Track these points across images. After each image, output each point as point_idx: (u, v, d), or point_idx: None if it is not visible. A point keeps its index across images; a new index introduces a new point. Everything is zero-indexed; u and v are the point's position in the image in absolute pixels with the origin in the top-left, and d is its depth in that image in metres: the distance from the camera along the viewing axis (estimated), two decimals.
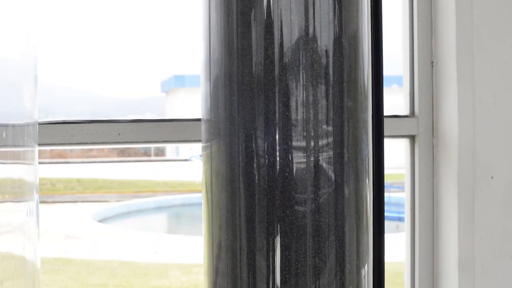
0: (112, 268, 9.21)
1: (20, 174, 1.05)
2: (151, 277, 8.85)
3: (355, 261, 0.93)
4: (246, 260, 0.89)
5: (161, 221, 15.31)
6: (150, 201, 15.87)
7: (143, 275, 8.91)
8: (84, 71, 43.30)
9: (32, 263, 1.03)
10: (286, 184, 0.89)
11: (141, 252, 10.10)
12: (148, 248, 10.35)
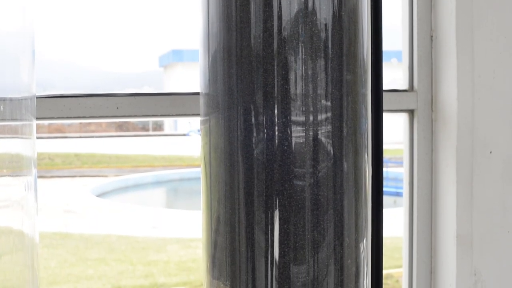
0: (110, 243, 9.23)
1: (18, 148, 1.04)
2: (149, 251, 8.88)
3: (354, 235, 0.93)
4: (244, 233, 0.89)
5: (159, 195, 15.34)
6: (148, 176, 15.88)
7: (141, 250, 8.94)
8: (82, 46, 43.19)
9: (31, 237, 1.03)
10: (285, 158, 0.89)
11: (139, 226, 10.13)
12: (146, 223, 10.38)
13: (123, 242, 9.20)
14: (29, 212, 1.04)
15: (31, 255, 1.03)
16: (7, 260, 1.00)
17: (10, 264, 1.00)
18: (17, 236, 1.01)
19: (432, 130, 1.78)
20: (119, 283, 7.87)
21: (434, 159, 1.78)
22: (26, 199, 1.04)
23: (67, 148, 18.99)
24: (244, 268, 0.89)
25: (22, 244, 1.02)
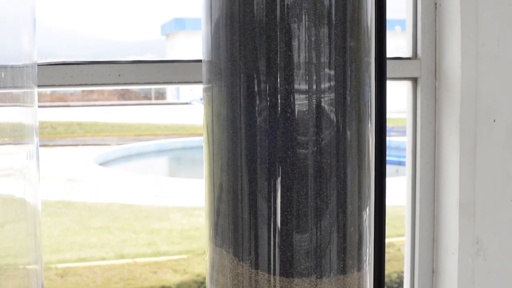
0: (113, 211, 9.27)
1: (19, 116, 1.04)
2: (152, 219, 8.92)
3: (357, 202, 0.93)
4: (247, 201, 0.89)
5: (162, 164, 15.37)
6: (150, 145, 15.90)
7: (144, 218, 8.97)
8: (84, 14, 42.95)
9: (33, 206, 1.03)
10: (287, 125, 0.89)
11: (142, 195, 10.16)
12: (149, 191, 10.41)
13: (126, 211, 9.24)
14: (31, 181, 1.04)
15: (33, 223, 1.03)
16: (10, 228, 1.00)
17: (12, 232, 1.00)
18: (20, 204, 1.01)
19: (436, 98, 1.77)
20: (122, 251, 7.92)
21: (437, 127, 1.77)
22: (28, 167, 1.03)
23: (69, 117, 19.00)
24: (247, 235, 0.90)
25: (24, 212, 1.02)
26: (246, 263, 0.90)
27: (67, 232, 8.53)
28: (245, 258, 0.90)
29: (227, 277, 0.91)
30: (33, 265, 1.03)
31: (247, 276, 0.90)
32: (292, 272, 0.89)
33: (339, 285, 0.91)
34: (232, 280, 0.91)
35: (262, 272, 0.89)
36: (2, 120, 1.01)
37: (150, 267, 7.27)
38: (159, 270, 7.21)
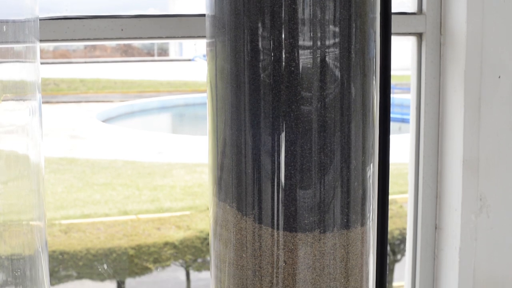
0: (116, 168, 9.29)
1: (21, 72, 1.03)
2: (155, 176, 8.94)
3: (361, 157, 0.92)
4: (251, 155, 0.89)
5: (165, 121, 15.36)
6: (153, 101, 15.87)
7: (147, 175, 9.00)
8: None
9: (36, 163, 1.03)
10: (292, 79, 0.88)
11: (145, 152, 10.18)
12: (152, 148, 10.42)
13: (129, 167, 9.26)
14: (34, 138, 1.04)
15: (36, 180, 1.03)
16: (13, 185, 1.00)
17: (16, 189, 1.00)
18: (23, 161, 1.01)
19: (440, 54, 1.76)
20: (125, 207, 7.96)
21: (442, 83, 1.76)
22: (31, 124, 1.03)
23: (72, 74, 18.93)
24: (250, 190, 0.89)
25: (27, 169, 1.02)
26: (250, 218, 0.90)
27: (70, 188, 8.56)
28: (249, 212, 0.89)
29: (230, 231, 0.91)
30: (36, 221, 1.04)
31: (251, 231, 0.90)
32: (295, 227, 0.89)
33: (342, 239, 0.91)
34: (236, 235, 0.91)
35: (266, 226, 0.89)
36: (5, 76, 1.00)
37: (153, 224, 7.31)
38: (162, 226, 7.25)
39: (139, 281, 7.23)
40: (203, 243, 6.89)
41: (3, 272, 0.98)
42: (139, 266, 6.96)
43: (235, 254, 0.91)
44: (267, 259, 0.89)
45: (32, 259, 1.02)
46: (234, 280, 0.92)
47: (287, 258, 0.89)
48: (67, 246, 6.89)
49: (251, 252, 0.90)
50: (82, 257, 6.87)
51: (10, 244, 1.00)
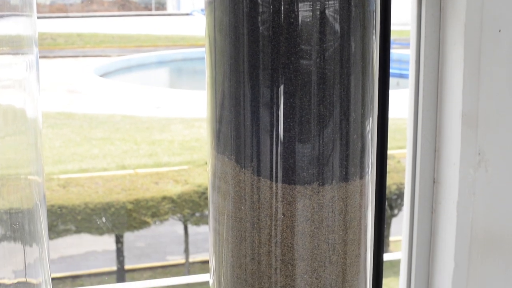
0: (114, 122, 9.29)
1: (18, 26, 1.02)
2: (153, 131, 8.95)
3: (360, 109, 0.92)
4: (249, 108, 0.88)
5: (163, 75, 15.31)
6: (151, 56, 15.80)
7: (146, 129, 9.00)
8: None
9: (33, 118, 1.02)
10: (291, 30, 0.87)
11: (143, 106, 10.16)
12: (150, 103, 10.40)
13: (127, 122, 9.26)
14: (31, 92, 1.03)
15: (34, 134, 1.03)
16: (10, 139, 0.99)
17: (13, 144, 1.00)
18: (20, 116, 1.01)
19: (441, 7, 1.74)
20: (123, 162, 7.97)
21: (441, 37, 1.75)
22: (28, 79, 1.02)
23: (69, 28, 18.81)
24: (249, 142, 0.89)
25: (24, 124, 1.01)
26: (248, 170, 0.89)
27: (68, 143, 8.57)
28: (247, 165, 0.89)
29: (229, 184, 0.91)
30: (34, 175, 1.04)
31: (249, 183, 0.90)
32: (294, 179, 0.89)
33: (341, 192, 0.91)
34: (234, 187, 0.91)
35: (264, 179, 0.89)
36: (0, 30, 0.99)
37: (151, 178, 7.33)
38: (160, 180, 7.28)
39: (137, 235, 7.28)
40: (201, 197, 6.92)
41: (2, 226, 0.98)
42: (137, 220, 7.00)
43: (233, 206, 0.91)
44: (266, 212, 0.89)
45: (30, 213, 1.02)
46: (233, 233, 0.92)
47: (285, 211, 0.89)
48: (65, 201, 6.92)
49: (250, 205, 0.90)
50: (81, 211, 6.90)
51: (8, 199, 1.00)
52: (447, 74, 1.75)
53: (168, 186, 7.13)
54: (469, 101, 1.71)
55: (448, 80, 1.75)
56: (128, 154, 8.16)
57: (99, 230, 7.14)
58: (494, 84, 1.72)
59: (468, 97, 1.71)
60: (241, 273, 0.94)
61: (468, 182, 1.74)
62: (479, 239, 1.78)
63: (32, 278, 1.04)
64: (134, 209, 6.94)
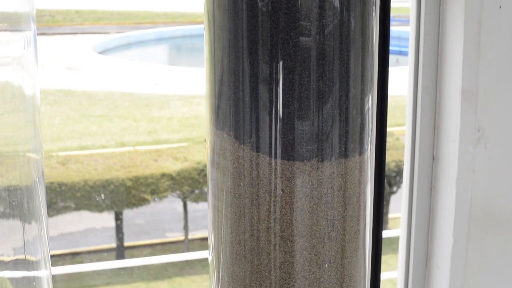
0: (113, 100, 9.28)
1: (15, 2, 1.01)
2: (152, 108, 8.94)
3: (360, 85, 0.91)
4: (248, 83, 0.88)
5: (162, 52, 15.27)
6: (150, 33, 15.74)
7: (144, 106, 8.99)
8: None
9: (32, 95, 1.02)
10: (290, 5, 0.86)
11: (142, 83, 10.15)
12: (149, 80, 10.38)
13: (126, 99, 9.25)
14: (30, 69, 1.02)
15: (32, 112, 1.02)
16: (8, 117, 0.99)
17: (11, 121, 0.99)
18: (18, 93, 1.00)
19: None
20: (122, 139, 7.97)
21: (441, 13, 1.74)
22: (26, 57, 1.02)
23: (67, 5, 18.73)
24: (248, 118, 0.88)
25: (23, 102, 1.01)
26: (247, 146, 0.89)
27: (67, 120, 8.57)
28: (246, 141, 0.89)
29: (228, 160, 0.91)
30: (33, 153, 1.03)
31: (248, 159, 0.89)
32: (293, 156, 0.88)
33: (340, 168, 0.91)
34: (233, 163, 0.90)
35: (263, 155, 0.88)
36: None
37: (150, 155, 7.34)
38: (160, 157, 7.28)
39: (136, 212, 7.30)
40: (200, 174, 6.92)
41: (1, 203, 0.98)
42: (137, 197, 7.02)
43: (232, 182, 0.91)
44: (265, 188, 0.89)
45: (29, 190, 1.02)
46: (232, 209, 0.92)
47: (284, 187, 0.89)
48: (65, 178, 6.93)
49: (249, 181, 0.90)
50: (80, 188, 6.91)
51: (7, 176, 1.00)
52: (447, 51, 1.74)
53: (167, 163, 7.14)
54: (469, 77, 1.70)
55: (448, 56, 1.74)
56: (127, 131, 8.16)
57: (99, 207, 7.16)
58: (494, 61, 1.71)
59: (468, 73, 1.70)
60: (240, 249, 0.94)
61: (467, 158, 1.74)
62: (478, 215, 1.78)
63: (31, 255, 1.04)
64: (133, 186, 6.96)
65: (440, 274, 1.85)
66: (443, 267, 1.84)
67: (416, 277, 1.92)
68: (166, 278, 6.75)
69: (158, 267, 6.82)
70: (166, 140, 7.82)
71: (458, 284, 1.82)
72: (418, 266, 1.91)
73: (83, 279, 6.66)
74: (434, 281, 1.88)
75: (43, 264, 1.06)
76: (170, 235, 7.47)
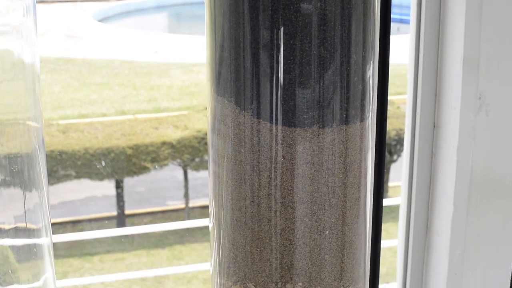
0: (113, 67, 9.25)
1: None
2: (152, 76, 8.91)
3: (361, 52, 0.91)
4: (249, 49, 0.87)
5: (161, 20, 15.20)
6: (150, 0, 15.65)
7: (144, 74, 8.97)
8: None
9: (31, 63, 1.01)
10: None
11: (142, 51, 10.10)
12: (149, 48, 10.34)
13: (126, 67, 9.22)
14: (29, 38, 1.01)
15: (32, 80, 1.02)
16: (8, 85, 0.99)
17: (11, 89, 0.99)
18: (17, 61, 1.00)
19: None
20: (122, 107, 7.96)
21: None
22: (25, 24, 1.01)
23: None
24: (249, 84, 0.88)
25: (22, 70, 1.00)
26: (248, 112, 0.89)
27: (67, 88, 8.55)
28: (247, 107, 0.88)
29: (228, 126, 0.91)
30: (33, 121, 1.03)
31: (249, 126, 0.89)
32: (294, 122, 0.88)
33: (341, 135, 0.91)
34: (234, 130, 0.90)
35: (264, 121, 0.88)
36: None
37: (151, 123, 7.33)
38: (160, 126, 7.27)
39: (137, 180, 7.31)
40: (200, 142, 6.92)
41: (1, 171, 0.98)
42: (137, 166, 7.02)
43: (233, 149, 0.91)
44: (266, 154, 0.89)
45: (29, 158, 1.02)
46: (232, 175, 0.92)
47: (285, 153, 0.89)
48: (65, 146, 6.93)
49: (250, 147, 0.89)
50: (81, 156, 6.92)
51: (7, 144, 0.99)
52: (448, 18, 1.73)
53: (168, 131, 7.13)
54: (471, 45, 1.69)
55: (449, 24, 1.73)
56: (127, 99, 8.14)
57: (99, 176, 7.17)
58: (496, 28, 1.70)
59: (469, 41, 1.69)
60: (241, 216, 0.94)
61: (468, 126, 1.74)
62: (478, 183, 1.78)
63: (32, 223, 1.04)
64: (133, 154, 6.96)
65: (440, 242, 1.86)
66: (443, 235, 1.84)
67: (416, 245, 1.93)
68: (166, 246, 6.78)
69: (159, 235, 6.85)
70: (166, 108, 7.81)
71: (458, 251, 1.83)
72: (418, 234, 1.92)
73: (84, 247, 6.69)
74: (434, 249, 1.89)
75: (44, 232, 1.07)
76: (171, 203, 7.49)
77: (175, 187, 7.47)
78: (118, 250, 6.68)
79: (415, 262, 1.92)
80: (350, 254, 0.98)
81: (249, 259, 0.96)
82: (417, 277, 1.94)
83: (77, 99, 8.17)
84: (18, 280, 1.04)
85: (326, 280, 0.97)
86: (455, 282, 1.84)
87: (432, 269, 1.90)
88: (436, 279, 1.88)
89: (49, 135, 6.89)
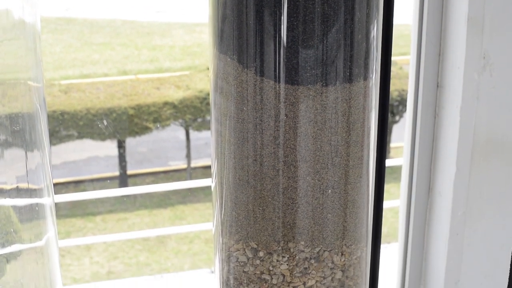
0: (115, 27, 9.20)
1: None
2: (154, 36, 8.87)
3: (365, 9, 0.90)
4: (252, 6, 0.86)
5: None
6: None
7: (146, 34, 8.92)
8: None
9: (32, 23, 1.00)
10: None
11: (144, 11, 10.04)
12: (150, 7, 10.27)
13: (127, 27, 9.17)
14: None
15: (33, 40, 1.01)
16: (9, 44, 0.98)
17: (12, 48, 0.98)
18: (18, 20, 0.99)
19: None
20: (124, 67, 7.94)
21: None
22: None
23: None
24: (252, 42, 0.87)
25: (23, 30, 0.99)
26: (251, 70, 0.88)
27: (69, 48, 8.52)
28: (250, 65, 0.88)
29: (231, 84, 0.90)
30: (34, 81, 1.02)
31: (252, 83, 0.88)
32: (297, 80, 0.87)
33: (344, 93, 0.90)
34: (237, 88, 0.89)
35: (267, 79, 0.87)
36: None
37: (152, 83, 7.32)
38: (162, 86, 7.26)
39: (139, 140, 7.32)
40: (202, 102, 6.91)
41: (2, 131, 0.97)
42: (139, 126, 7.03)
43: (235, 107, 0.90)
44: (268, 113, 0.88)
45: (31, 118, 1.01)
46: (235, 134, 0.92)
47: (288, 112, 0.88)
48: (67, 106, 6.93)
49: (252, 106, 0.89)
50: (83, 116, 6.92)
51: (9, 105, 0.99)
52: None
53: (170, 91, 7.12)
54: (475, 4, 1.67)
55: None
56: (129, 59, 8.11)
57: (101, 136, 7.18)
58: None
59: (474, 0, 1.67)
60: (243, 174, 0.94)
61: (472, 86, 1.72)
62: (481, 144, 1.78)
63: (34, 183, 1.04)
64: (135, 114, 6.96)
65: (442, 202, 1.86)
66: (445, 195, 1.84)
67: (419, 205, 1.93)
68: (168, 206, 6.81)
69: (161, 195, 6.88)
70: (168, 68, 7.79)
71: (460, 212, 1.83)
72: (420, 194, 1.92)
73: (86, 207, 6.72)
74: (436, 209, 1.89)
75: (46, 192, 1.06)
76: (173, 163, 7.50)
77: (177, 147, 7.48)
78: (120, 210, 6.71)
79: (417, 223, 1.93)
80: (353, 213, 0.98)
81: (252, 218, 0.96)
82: (419, 237, 1.94)
83: (79, 59, 8.15)
84: (21, 239, 1.04)
85: (329, 239, 0.96)
86: (457, 242, 1.84)
87: (434, 230, 1.90)
88: (438, 239, 1.89)
89: (51, 95, 6.88)
